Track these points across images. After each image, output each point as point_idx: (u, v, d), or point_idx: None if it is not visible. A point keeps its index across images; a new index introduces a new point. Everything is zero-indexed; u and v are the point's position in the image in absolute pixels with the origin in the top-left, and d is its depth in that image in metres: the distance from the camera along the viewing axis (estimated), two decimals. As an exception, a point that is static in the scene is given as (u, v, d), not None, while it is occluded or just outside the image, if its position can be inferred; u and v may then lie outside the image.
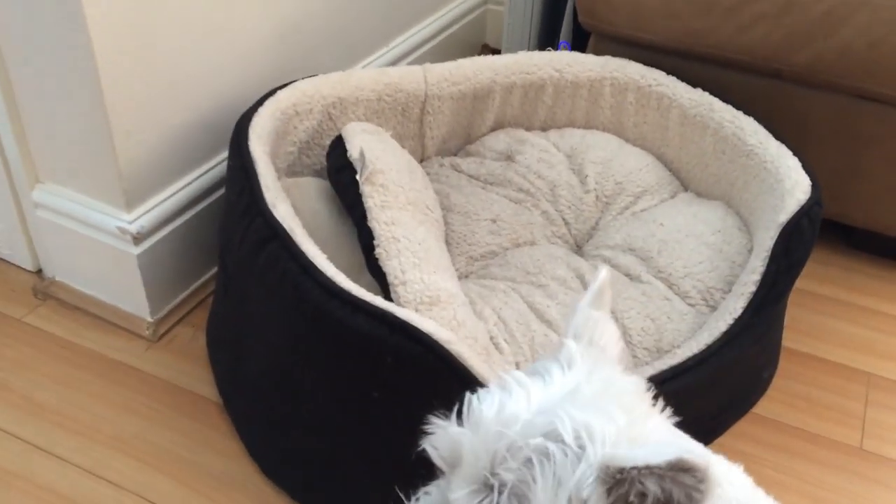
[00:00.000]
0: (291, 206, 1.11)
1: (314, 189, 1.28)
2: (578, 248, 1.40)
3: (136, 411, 1.21)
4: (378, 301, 0.94)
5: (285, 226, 1.03)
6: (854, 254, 1.55)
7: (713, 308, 1.21)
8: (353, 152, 1.17)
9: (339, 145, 1.21)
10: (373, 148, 1.17)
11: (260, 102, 1.23)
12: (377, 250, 1.07)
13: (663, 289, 1.24)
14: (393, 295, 1.03)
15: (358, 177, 1.13)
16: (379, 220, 1.09)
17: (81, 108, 1.13)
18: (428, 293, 1.03)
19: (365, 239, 1.10)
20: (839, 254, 1.55)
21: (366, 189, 1.12)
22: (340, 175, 1.17)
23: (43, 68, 1.13)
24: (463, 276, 1.27)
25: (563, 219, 1.40)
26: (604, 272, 0.69)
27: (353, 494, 1.07)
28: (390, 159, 1.18)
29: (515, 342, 1.12)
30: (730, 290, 1.21)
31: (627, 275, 1.28)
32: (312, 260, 0.98)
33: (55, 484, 1.10)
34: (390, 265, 1.05)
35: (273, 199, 1.07)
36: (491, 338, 1.11)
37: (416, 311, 1.00)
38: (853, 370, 1.33)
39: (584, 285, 1.23)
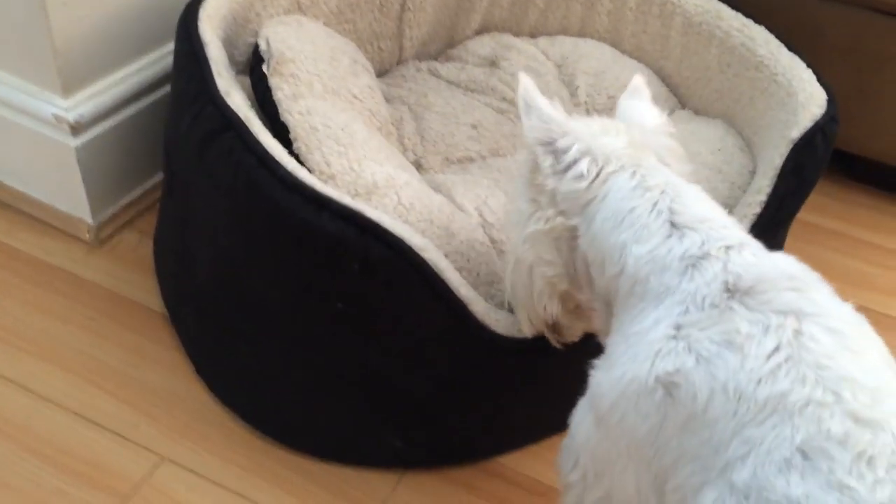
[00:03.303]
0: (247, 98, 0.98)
1: None
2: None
3: (73, 321, 1.09)
4: (346, 199, 0.83)
5: (240, 115, 0.91)
6: (854, 185, 1.46)
7: (711, 231, 1.11)
8: (262, 45, 1.04)
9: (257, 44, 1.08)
10: (284, 38, 1.05)
11: (217, -21, 1.09)
12: (296, 145, 0.95)
13: (657, 209, 1.14)
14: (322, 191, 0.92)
15: (264, 68, 1.01)
16: (292, 111, 0.97)
17: (9, -28, 0.99)
18: (361, 182, 0.92)
19: (283, 136, 0.97)
20: (839, 185, 1.46)
21: (274, 81, 1.00)
22: (254, 73, 1.05)
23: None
24: (438, 173, 1.16)
25: (550, 133, 1.29)
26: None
27: (308, 415, 0.97)
28: (306, 48, 1.06)
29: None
30: (730, 213, 1.11)
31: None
32: (270, 151, 0.86)
33: (-24, 396, 0.99)
34: (312, 159, 0.93)
35: (226, 87, 0.94)
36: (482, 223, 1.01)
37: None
38: (859, 309, 1.24)
39: None
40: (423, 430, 0.97)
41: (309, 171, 0.93)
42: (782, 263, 0.68)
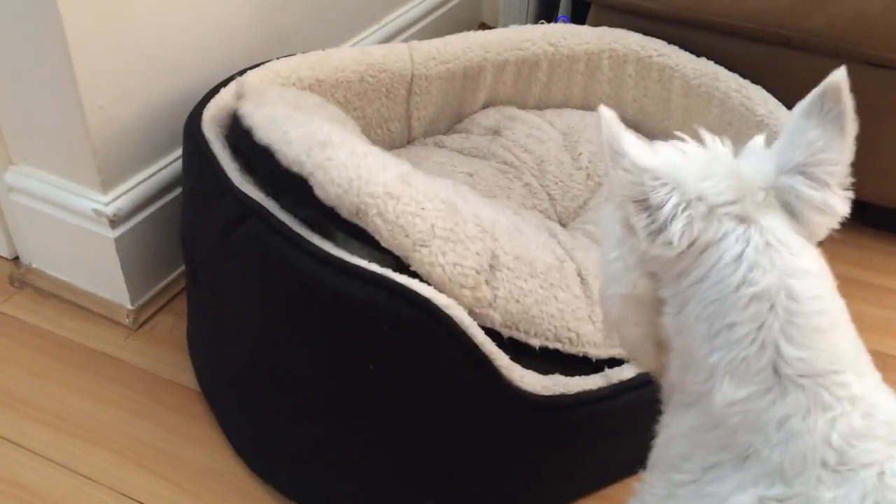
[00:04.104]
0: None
1: None
2: (563, 226, 1.32)
3: (116, 403, 1.15)
4: (374, 266, 0.88)
5: (257, 199, 0.96)
6: (867, 231, 1.49)
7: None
8: (229, 99, 1.07)
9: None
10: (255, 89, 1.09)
11: (224, 84, 1.16)
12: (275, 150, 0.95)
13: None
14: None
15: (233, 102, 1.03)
16: (254, 114, 0.99)
17: (50, 81, 1.07)
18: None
19: (259, 154, 0.97)
20: (852, 231, 1.48)
21: (240, 104, 1.02)
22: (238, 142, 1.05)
23: (10, 40, 1.07)
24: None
25: (549, 193, 1.33)
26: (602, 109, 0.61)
27: (346, 481, 1.00)
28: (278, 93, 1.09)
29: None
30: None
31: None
32: (297, 230, 0.92)
33: (26, 479, 1.04)
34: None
35: (238, 179, 1.00)
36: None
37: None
38: (870, 352, 1.26)
39: (561, 245, 1.13)
40: (462, 493, 0.99)
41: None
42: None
